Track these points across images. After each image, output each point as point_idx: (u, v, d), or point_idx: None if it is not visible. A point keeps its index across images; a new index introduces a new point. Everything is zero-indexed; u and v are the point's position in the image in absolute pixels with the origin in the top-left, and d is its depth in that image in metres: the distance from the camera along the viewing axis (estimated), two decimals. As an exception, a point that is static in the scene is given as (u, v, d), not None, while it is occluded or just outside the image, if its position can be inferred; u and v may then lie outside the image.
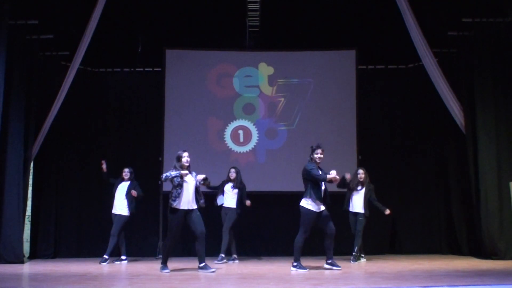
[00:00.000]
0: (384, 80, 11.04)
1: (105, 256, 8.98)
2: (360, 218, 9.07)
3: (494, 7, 9.19)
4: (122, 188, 9.33)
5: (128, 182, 9.36)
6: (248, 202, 9.26)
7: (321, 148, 7.62)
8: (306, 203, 7.52)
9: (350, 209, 9.18)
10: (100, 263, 8.82)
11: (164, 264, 7.47)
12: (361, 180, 9.18)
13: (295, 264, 7.49)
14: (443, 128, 10.33)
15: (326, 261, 7.65)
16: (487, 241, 8.99)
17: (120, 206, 9.24)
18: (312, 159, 7.61)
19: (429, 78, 9.60)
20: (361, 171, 9.27)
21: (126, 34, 10.71)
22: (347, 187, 9.19)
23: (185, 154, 7.54)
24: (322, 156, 7.58)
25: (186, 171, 7.43)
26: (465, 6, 9.34)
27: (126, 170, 9.43)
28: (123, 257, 9.24)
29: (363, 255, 9.18)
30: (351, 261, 8.78)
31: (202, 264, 7.42)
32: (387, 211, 9.16)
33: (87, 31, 9.28)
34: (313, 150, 7.61)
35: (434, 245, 10.45)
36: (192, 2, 10.45)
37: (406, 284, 5.96)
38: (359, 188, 9.15)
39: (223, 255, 9.00)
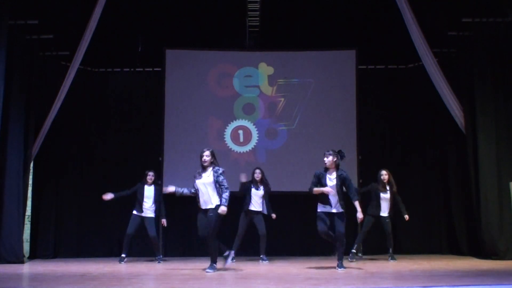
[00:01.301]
0: (384, 80, 11.04)
1: (160, 256, 9.31)
2: (387, 220, 9.17)
3: (494, 7, 9.19)
4: (149, 192, 9.36)
5: (153, 186, 9.40)
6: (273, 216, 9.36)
7: (327, 152, 7.65)
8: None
9: (379, 213, 9.21)
10: (159, 262, 9.11)
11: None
12: (385, 181, 9.17)
13: None
14: (443, 128, 10.33)
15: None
16: (487, 241, 8.99)
17: (150, 209, 9.30)
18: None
19: (429, 78, 9.60)
20: (384, 172, 9.23)
21: (126, 34, 10.71)
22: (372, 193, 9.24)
23: (204, 153, 7.48)
24: (325, 159, 7.60)
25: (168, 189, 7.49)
26: (465, 6, 9.34)
27: (151, 173, 9.43)
28: (123, 255, 9.23)
29: (360, 254, 9.22)
30: (390, 260, 9.02)
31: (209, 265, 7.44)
32: (407, 217, 9.24)
33: (87, 31, 9.27)
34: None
35: (434, 245, 10.45)
36: (192, 2, 10.44)
37: (406, 284, 5.95)
38: (386, 189, 9.16)
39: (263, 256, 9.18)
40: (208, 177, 7.41)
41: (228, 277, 6.90)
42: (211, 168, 7.44)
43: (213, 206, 7.34)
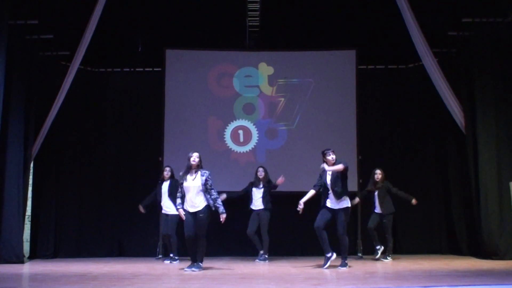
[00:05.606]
0: (384, 80, 11.04)
1: (176, 257, 9.15)
2: (384, 221, 9.30)
3: (494, 7, 9.19)
4: (165, 188, 9.30)
5: (168, 181, 9.31)
6: (280, 180, 9.23)
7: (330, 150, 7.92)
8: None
9: (375, 210, 9.38)
10: (170, 262, 9.05)
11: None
12: (377, 180, 9.30)
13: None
14: (443, 128, 10.34)
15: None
16: (487, 241, 8.99)
17: (168, 205, 9.18)
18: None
19: (429, 78, 9.60)
20: (378, 171, 9.38)
21: (126, 34, 10.71)
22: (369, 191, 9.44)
23: (194, 155, 7.59)
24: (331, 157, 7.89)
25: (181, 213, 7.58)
26: (465, 6, 9.34)
27: (168, 169, 9.39)
28: (175, 256, 9.19)
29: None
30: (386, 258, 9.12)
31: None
32: (414, 201, 9.34)
33: (87, 31, 9.27)
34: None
35: (434, 245, 10.45)
36: (192, 2, 10.44)
37: (406, 284, 5.96)
38: (377, 187, 9.31)
39: (263, 253, 9.20)
40: (196, 180, 7.46)
41: (228, 277, 6.90)
42: (199, 172, 7.51)
43: (200, 208, 7.44)
